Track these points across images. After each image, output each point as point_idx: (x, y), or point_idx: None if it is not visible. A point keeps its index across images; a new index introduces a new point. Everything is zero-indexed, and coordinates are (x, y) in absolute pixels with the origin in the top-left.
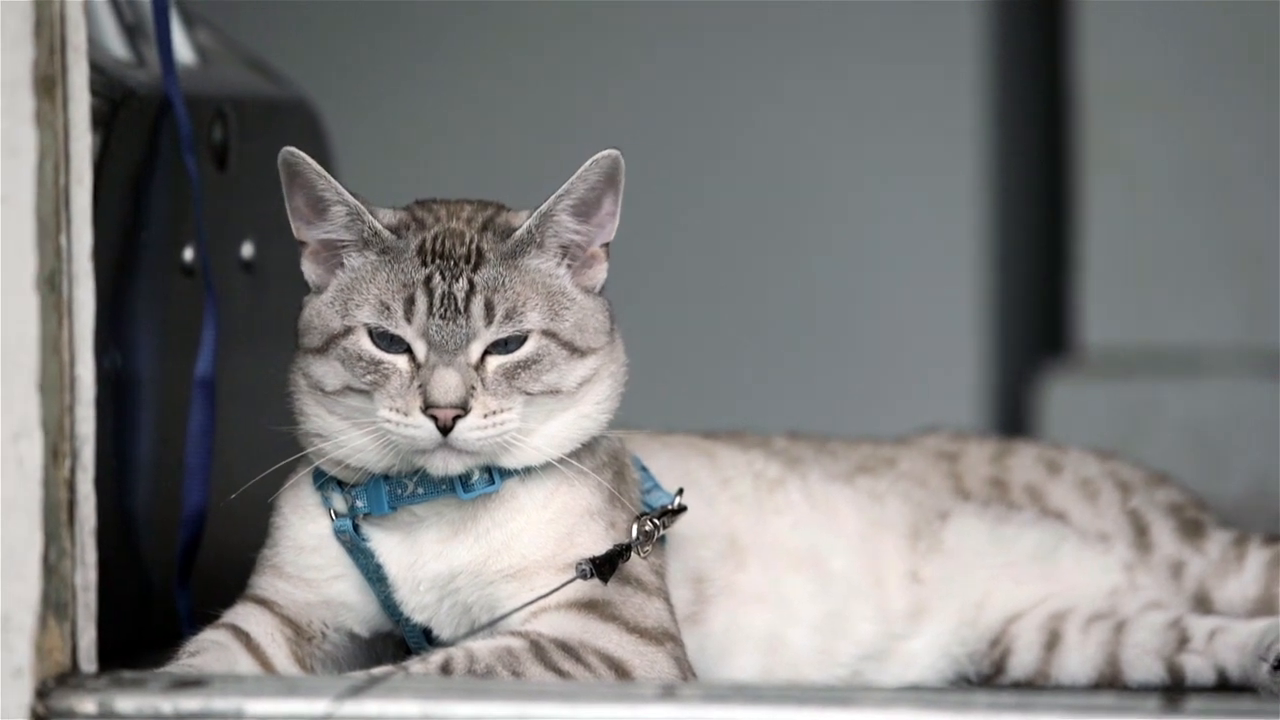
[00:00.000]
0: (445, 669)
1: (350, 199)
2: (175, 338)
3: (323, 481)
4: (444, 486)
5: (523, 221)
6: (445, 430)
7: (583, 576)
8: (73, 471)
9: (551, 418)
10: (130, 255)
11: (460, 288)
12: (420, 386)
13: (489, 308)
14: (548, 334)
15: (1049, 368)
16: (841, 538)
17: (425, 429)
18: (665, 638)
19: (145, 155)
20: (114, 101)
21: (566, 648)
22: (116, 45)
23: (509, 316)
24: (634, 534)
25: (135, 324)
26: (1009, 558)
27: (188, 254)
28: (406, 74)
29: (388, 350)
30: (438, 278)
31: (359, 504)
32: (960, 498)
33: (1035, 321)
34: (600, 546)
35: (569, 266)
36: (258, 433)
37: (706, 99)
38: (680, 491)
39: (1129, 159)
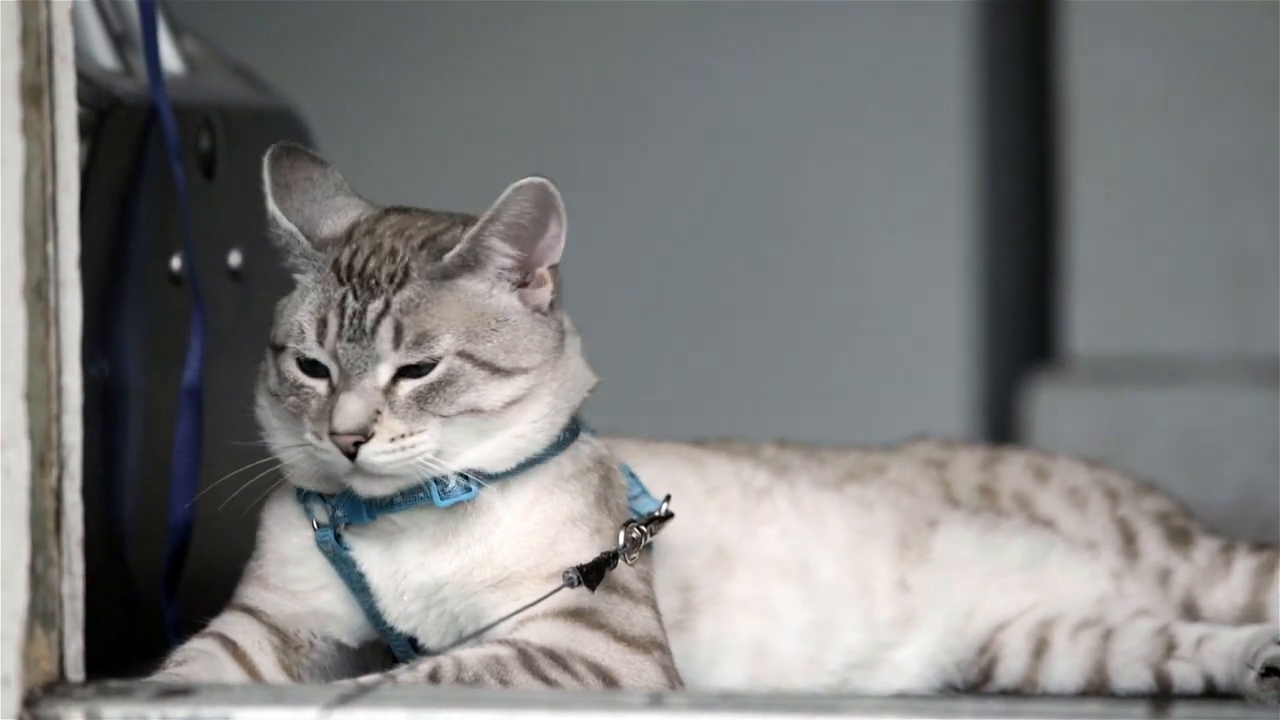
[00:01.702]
0: (433, 677)
1: (284, 224)
2: (162, 346)
3: (304, 493)
4: (420, 494)
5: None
6: (351, 455)
7: (570, 585)
8: (59, 480)
9: (484, 437)
10: (117, 264)
11: (374, 308)
12: (329, 411)
13: (398, 330)
14: (463, 355)
15: (1037, 376)
16: (830, 546)
17: (333, 454)
18: (653, 646)
19: (132, 164)
20: (101, 111)
21: (554, 656)
22: (104, 54)
23: (419, 342)
24: (621, 541)
25: (122, 333)
26: (997, 566)
27: (175, 263)
28: (394, 83)
29: (311, 374)
30: (350, 298)
31: (339, 514)
32: (949, 505)
33: (1023, 329)
34: (585, 552)
35: (513, 287)
36: (245, 442)
37: (692, 108)
38: (668, 498)
39: (1117, 165)
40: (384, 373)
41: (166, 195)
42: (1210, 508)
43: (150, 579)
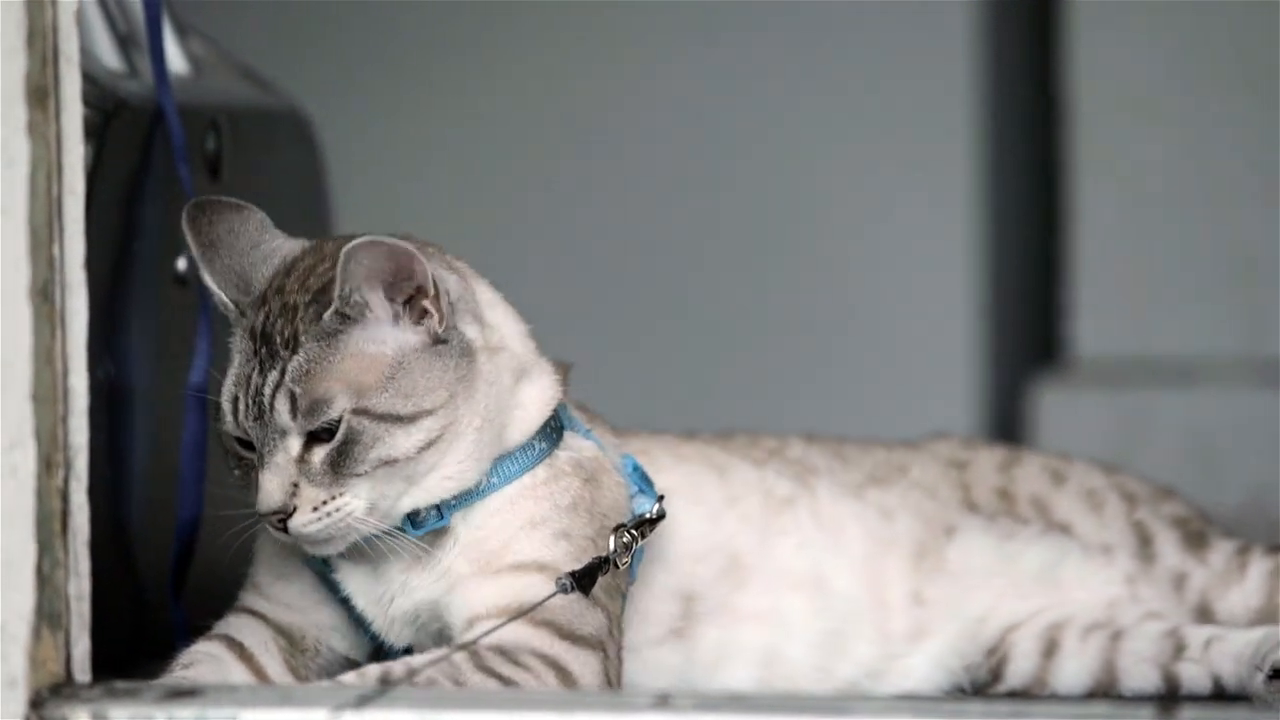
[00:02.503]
0: (384, 682)
1: (219, 297)
2: (169, 347)
3: None
4: (398, 525)
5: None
6: (282, 529)
7: (563, 590)
8: (66, 481)
9: (413, 483)
10: (123, 265)
11: (271, 381)
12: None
13: (293, 401)
14: (359, 412)
15: (1043, 377)
16: (847, 558)
17: (270, 529)
18: (599, 646)
19: (138, 165)
20: (107, 112)
21: (502, 651)
22: (109, 55)
23: (312, 410)
24: (612, 545)
25: (129, 334)
26: (1013, 576)
27: (181, 264)
28: (400, 83)
29: (246, 447)
30: (255, 372)
31: None
32: (968, 509)
33: (1029, 331)
34: (545, 553)
35: (412, 323)
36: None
37: (697, 110)
38: (661, 498)
39: (1123, 167)
40: (294, 445)
41: (172, 197)
42: (1218, 509)
43: (157, 580)
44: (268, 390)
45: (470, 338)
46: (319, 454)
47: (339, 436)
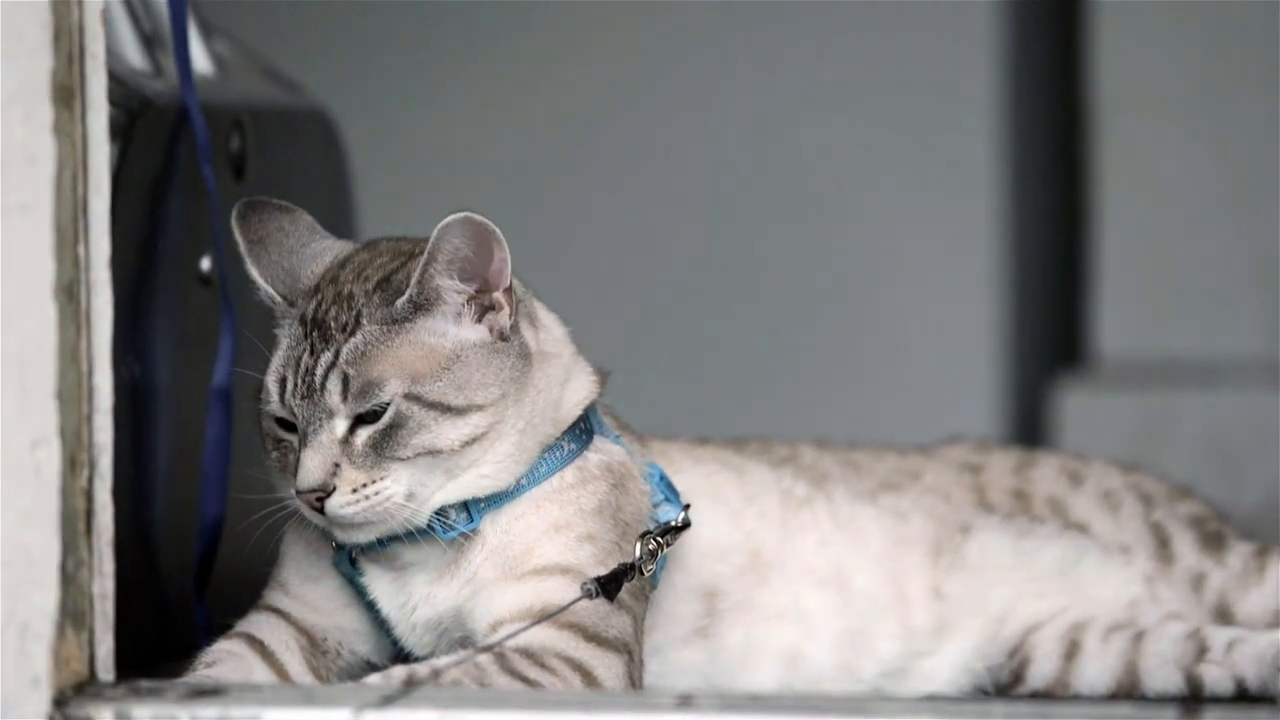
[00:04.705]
0: (409, 684)
1: (263, 288)
2: (193, 347)
3: None
4: (427, 528)
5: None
6: (320, 510)
7: (588, 596)
8: (90, 480)
9: (452, 477)
10: (148, 265)
11: (324, 361)
12: (294, 469)
13: (345, 381)
14: (410, 397)
15: (1065, 379)
16: (866, 555)
17: (306, 509)
18: (624, 649)
19: (163, 165)
20: (132, 111)
21: (529, 654)
22: (134, 55)
23: (364, 391)
24: (638, 552)
25: (153, 333)
26: (1031, 572)
27: (205, 263)
28: (424, 83)
29: (288, 430)
30: (307, 354)
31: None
32: (983, 510)
33: (1051, 332)
34: (568, 556)
35: (475, 318)
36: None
37: (723, 112)
38: (687, 506)
39: (1146, 168)
40: (339, 425)
41: (196, 196)
42: (1237, 510)
43: (180, 579)
44: (319, 370)
45: (528, 341)
46: (363, 435)
47: (386, 419)
